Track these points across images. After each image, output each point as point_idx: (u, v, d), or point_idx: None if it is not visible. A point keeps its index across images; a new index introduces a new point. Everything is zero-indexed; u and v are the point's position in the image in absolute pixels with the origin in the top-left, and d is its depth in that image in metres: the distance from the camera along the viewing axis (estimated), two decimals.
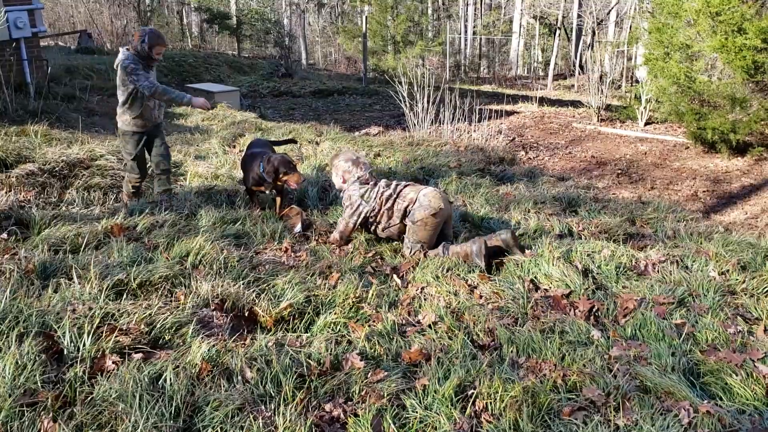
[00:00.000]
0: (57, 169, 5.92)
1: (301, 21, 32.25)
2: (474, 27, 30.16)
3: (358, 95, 18.99)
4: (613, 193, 8.49)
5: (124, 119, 5.43)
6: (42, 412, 2.47)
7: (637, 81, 17.05)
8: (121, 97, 5.36)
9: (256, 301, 3.61)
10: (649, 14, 12.78)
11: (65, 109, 10.10)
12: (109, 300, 3.36)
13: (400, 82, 11.43)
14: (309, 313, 3.59)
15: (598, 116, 14.69)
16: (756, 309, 3.82)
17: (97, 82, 14.07)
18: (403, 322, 3.61)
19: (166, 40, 5.56)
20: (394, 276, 4.29)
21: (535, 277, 4.26)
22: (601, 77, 15.15)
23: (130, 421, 2.42)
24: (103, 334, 2.97)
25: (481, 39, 29.93)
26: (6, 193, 5.28)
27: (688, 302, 3.92)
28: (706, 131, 10.76)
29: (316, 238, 5.10)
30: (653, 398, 2.83)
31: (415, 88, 11.36)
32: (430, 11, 29.24)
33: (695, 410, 2.70)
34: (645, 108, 13.84)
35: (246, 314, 3.48)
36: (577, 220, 5.59)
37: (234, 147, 8.97)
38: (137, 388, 2.59)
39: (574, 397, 2.84)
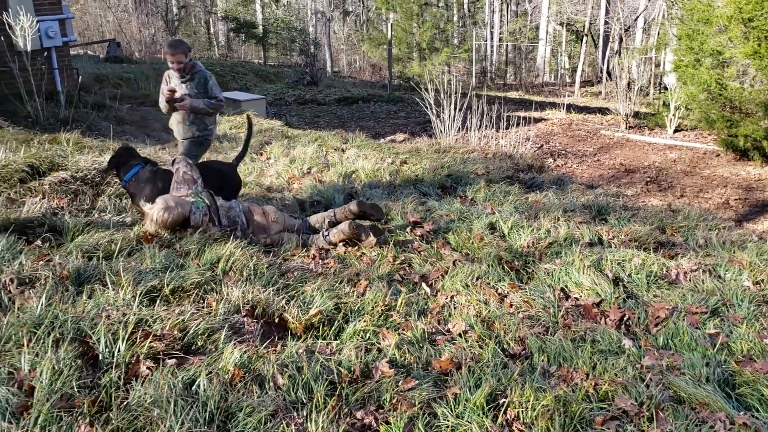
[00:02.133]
0: (89, 176, 6.00)
1: (326, 29, 32.46)
2: (500, 33, 30.11)
3: (383, 102, 19.04)
4: (643, 201, 8.40)
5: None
6: (79, 417, 2.50)
7: (665, 88, 16.86)
8: None
9: (286, 307, 3.63)
10: (678, 20, 12.65)
11: (95, 118, 10.26)
12: (143, 306, 3.39)
13: (426, 89, 11.44)
14: (338, 320, 3.59)
15: (626, 123, 14.56)
16: None
17: (126, 90, 14.29)
18: (433, 330, 3.60)
19: (174, 47, 5.83)
20: (423, 284, 4.28)
21: (566, 286, 4.23)
22: (628, 84, 15.02)
23: (165, 426, 2.45)
24: (137, 340, 3.01)
25: (507, 45, 29.86)
26: (39, 200, 5.37)
27: (722, 312, 3.86)
28: (737, 138, 10.61)
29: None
30: (687, 409, 2.79)
31: (442, 95, 11.36)
32: (455, 18, 29.25)
33: (731, 422, 2.66)
34: (674, 115, 13.69)
35: (276, 321, 3.50)
36: (606, 228, 5.53)
37: (261, 155, 9.05)
38: (171, 394, 2.62)
39: (606, 406, 2.81)
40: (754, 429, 2.63)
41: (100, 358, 2.91)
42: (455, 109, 11.38)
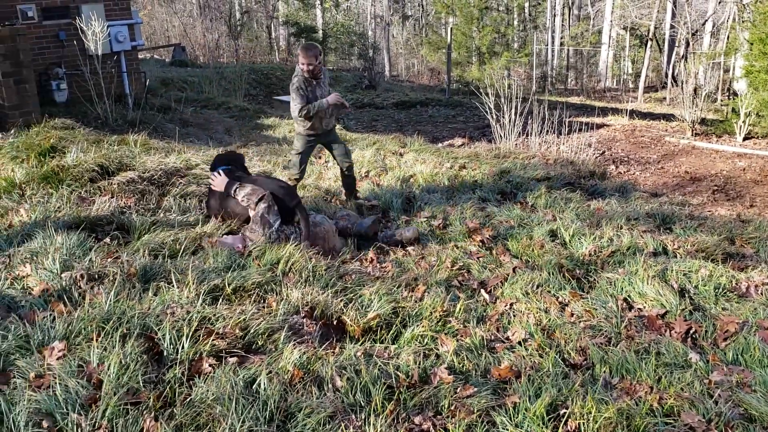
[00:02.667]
0: (155, 177, 6.17)
1: (385, 33, 32.61)
2: (561, 38, 29.66)
3: (441, 106, 18.98)
4: (709, 211, 8.12)
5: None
6: (144, 411, 2.57)
7: (734, 94, 16.30)
8: None
9: (344, 310, 3.65)
10: (750, 24, 12.20)
11: (161, 120, 10.55)
12: (206, 304, 3.47)
13: (486, 94, 11.35)
14: (396, 324, 3.59)
15: (692, 130, 14.13)
16: None
17: (190, 94, 14.64)
18: (492, 337, 3.57)
19: (307, 50, 5.92)
20: (482, 291, 4.24)
21: (629, 296, 4.12)
22: (695, 90, 14.56)
23: (226, 423, 2.49)
24: (200, 338, 3.07)
25: (568, 50, 29.40)
26: (108, 199, 5.55)
27: None
28: None
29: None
30: (759, 428, 2.69)
31: (502, 100, 11.25)
32: (516, 22, 28.97)
33: None
34: (744, 122, 13.20)
35: (335, 323, 3.52)
36: (671, 238, 5.37)
37: (320, 158, 9.13)
38: (233, 392, 2.66)
39: (671, 422, 2.72)
40: None
41: (165, 354, 2.99)
42: (515, 113, 11.25)
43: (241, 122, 12.60)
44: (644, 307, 3.98)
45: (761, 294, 4.18)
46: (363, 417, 2.64)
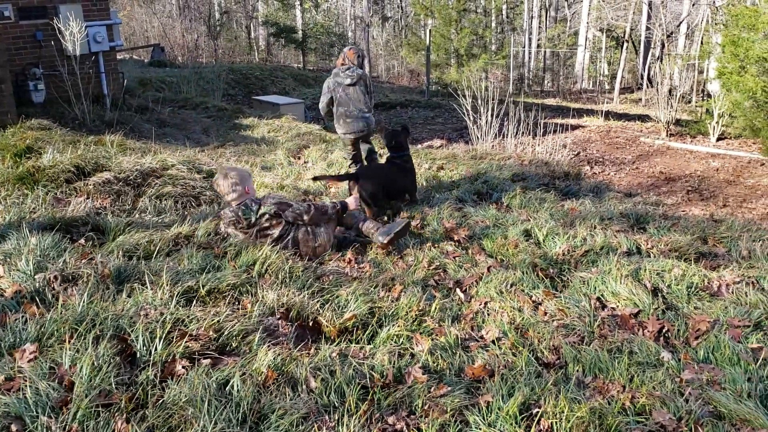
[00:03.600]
0: (131, 177, 6.12)
1: (365, 34, 32.62)
2: (538, 40, 29.88)
3: (420, 108, 19.03)
4: (683, 211, 8.23)
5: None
6: (116, 413, 2.55)
7: (708, 95, 16.54)
8: (370, 102, 6.94)
9: (320, 311, 3.65)
10: (723, 26, 12.40)
11: (139, 120, 10.48)
12: (180, 306, 3.45)
13: (464, 95, 11.41)
14: (372, 324, 3.60)
15: (666, 131, 14.31)
16: None
17: (168, 94, 14.55)
18: (466, 336, 3.59)
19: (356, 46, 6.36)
20: (457, 290, 4.27)
21: (602, 295, 4.16)
22: (670, 91, 14.75)
23: (199, 425, 2.48)
24: (174, 339, 3.05)
25: (545, 52, 29.61)
26: (84, 200, 5.50)
27: (765, 326, 3.75)
28: None
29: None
30: (728, 425, 2.72)
31: (479, 101, 11.32)
32: (494, 24, 29.11)
33: None
34: (717, 123, 13.40)
35: (310, 324, 3.52)
36: (645, 238, 5.43)
37: (299, 158, 9.12)
38: (206, 394, 2.65)
39: (643, 420, 2.75)
40: None
41: (138, 355, 2.97)
42: (492, 115, 11.32)
43: (219, 122, 12.54)
44: (617, 306, 4.03)
45: (732, 293, 4.24)
46: (337, 417, 2.64)
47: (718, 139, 13.55)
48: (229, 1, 34.23)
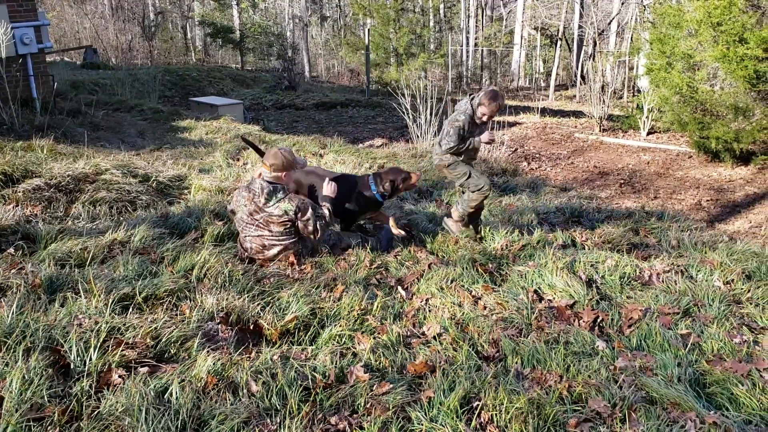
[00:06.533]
0: (63, 183, 5.94)
1: (303, 34, 32.43)
2: (476, 39, 30.28)
3: (361, 107, 19.05)
4: (616, 203, 8.49)
5: None
6: (49, 427, 2.47)
7: (638, 91, 17.08)
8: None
9: (261, 314, 3.62)
10: (650, 24, 12.83)
11: (71, 124, 10.16)
12: (115, 314, 3.37)
13: (403, 94, 11.49)
14: (314, 325, 3.59)
15: (600, 126, 14.71)
16: (761, 318, 3.82)
17: (102, 97, 14.15)
18: (408, 333, 3.61)
19: (496, 102, 5.18)
20: (399, 288, 4.30)
21: (539, 288, 4.26)
22: (602, 87, 15.17)
23: None
24: (110, 348, 2.98)
25: (482, 50, 30.03)
26: (13, 207, 5.31)
27: (693, 312, 3.92)
28: (709, 140, 10.77)
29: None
30: (659, 409, 2.82)
31: (418, 100, 11.41)
32: (432, 23, 29.36)
33: (702, 421, 2.69)
34: (647, 118, 13.86)
35: (251, 327, 3.49)
36: (580, 231, 5.59)
37: (238, 160, 9.00)
38: (143, 402, 2.60)
39: (579, 408, 2.83)
40: (724, 428, 2.66)
41: (72, 366, 2.89)
42: (431, 114, 11.43)
43: (155, 125, 12.27)
44: (554, 298, 4.13)
45: (662, 281, 4.41)
46: (278, 420, 2.62)
47: (649, 134, 14.01)
48: (164, 1, 33.54)
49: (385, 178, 5.15)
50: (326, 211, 4.81)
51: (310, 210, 4.68)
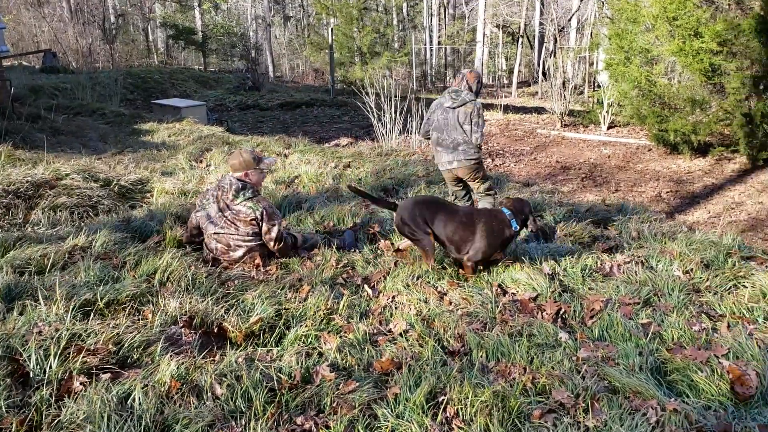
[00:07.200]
0: (22, 189, 5.82)
1: (267, 34, 32.23)
2: (439, 37, 30.40)
3: (326, 107, 19.01)
4: (578, 197, 8.61)
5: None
6: None
7: (599, 86, 17.34)
8: (472, 136, 5.75)
9: (225, 316, 3.59)
10: (609, 20, 13.02)
11: (30, 129, 9.96)
12: (76, 320, 3.31)
13: (368, 93, 11.49)
14: (279, 327, 3.57)
15: (561, 122, 14.90)
16: (719, 306, 3.92)
17: (62, 101, 13.92)
18: (375, 331, 3.62)
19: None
20: (365, 286, 4.30)
21: (503, 282, 4.30)
22: (563, 83, 15.37)
23: None
24: (71, 355, 2.93)
25: (446, 49, 30.17)
26: None
27: (654, 302, 4.00)
28: (667, 133, 10.99)
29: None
30: (621, 398, 2.87)
31: (383, 99, 11.42)
32: (395, 22, 29.40)
33: (662, 408, 2.75)
34: (607, 112, 14.08)
35: (215, 330, 3.46)
36: (542, 225, 5.65)
37: (201, 162, 8.92)
38: (105, 409, 2.56)
39: (543, 400, 2.87)
40: (684, 414, 2.72)
41: (31, 375, 2.83)
42: (396, 112, 11.45)
43: (118, 128, 12.10)
44: (517, 291, 4.17)
45: (623, 272, 4.49)
46: (243, 423, 2.61)
47: (609, 128, 14.24)
48: (125, 3, 33.04)
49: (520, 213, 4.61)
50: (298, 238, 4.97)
51: (277, 219, 4.69)
